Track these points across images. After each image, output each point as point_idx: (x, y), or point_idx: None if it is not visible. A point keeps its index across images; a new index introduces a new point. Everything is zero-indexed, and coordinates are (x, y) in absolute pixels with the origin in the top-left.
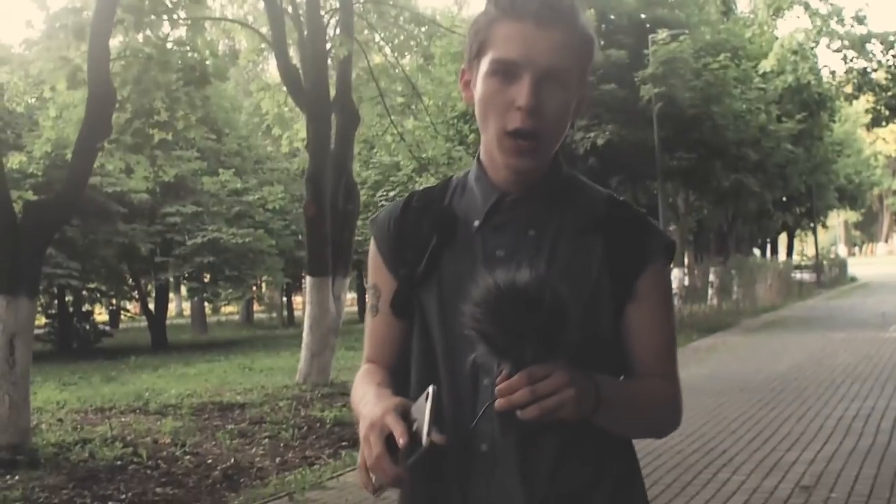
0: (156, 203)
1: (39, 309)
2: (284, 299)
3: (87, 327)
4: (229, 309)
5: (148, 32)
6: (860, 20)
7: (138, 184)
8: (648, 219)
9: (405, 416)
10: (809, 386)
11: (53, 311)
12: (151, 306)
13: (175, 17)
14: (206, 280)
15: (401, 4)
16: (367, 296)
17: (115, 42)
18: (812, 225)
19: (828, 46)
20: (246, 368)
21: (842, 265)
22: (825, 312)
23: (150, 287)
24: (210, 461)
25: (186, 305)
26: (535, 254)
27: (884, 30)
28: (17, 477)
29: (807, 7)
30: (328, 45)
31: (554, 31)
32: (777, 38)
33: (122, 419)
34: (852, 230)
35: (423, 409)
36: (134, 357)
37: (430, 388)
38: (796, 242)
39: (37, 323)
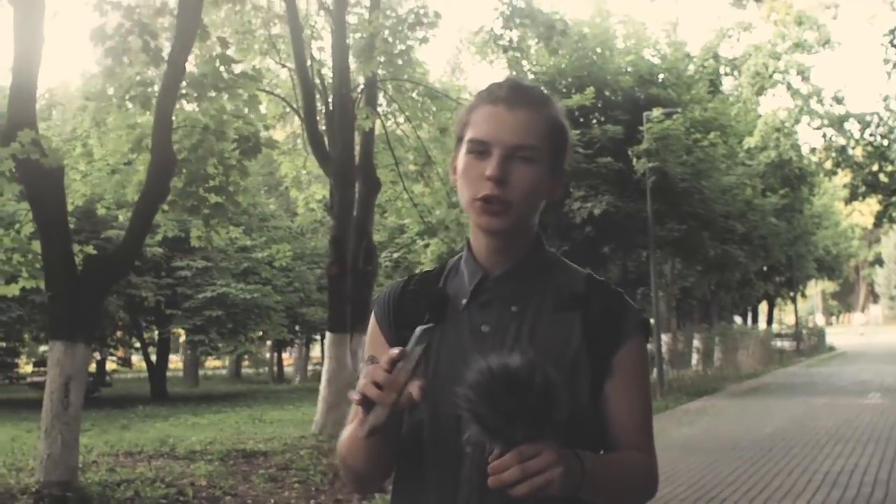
0: (163, 257)
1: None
2: (275, 355)
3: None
4: (214, 363)
5: (207, 104)
6: (839, 100)
7: (194, 242)
8: (625, 297)
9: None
10: (796, 445)
11: None
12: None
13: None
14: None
15: (415, 79)
16: (362, 367)
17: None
18: (791, 294)
19: (808, 124)
20: (256, 420)
21: (820, 334)
22: (806, 379)
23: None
24: (250, 501)
25: (172, 357)
26: (517, 329)
27: (860, 110)
28: None
29: (789, 87)
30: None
31: (522, 113)
32: (759, 115)
33: (154, 463)
34: (829, 300)
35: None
36: (141, 406)
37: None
38: (775, 311)
39: (33, 370)
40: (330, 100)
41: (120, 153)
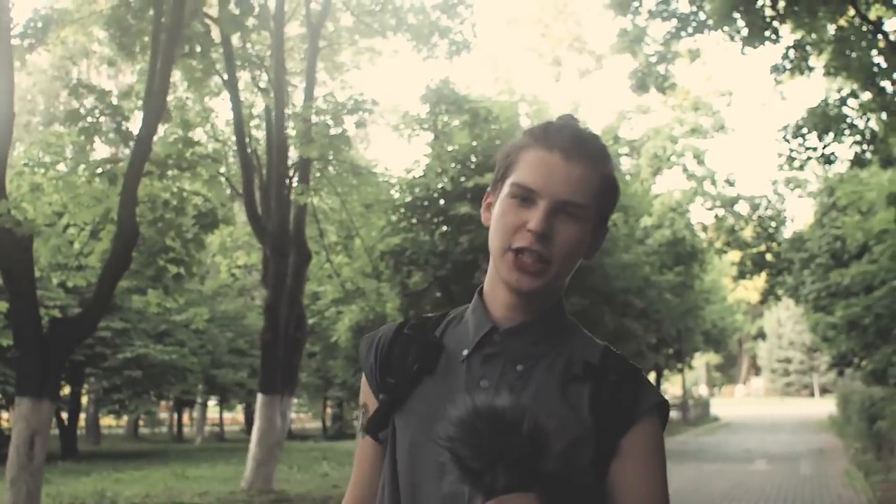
0: None
1: None
2: (174, 415)
3: None
4: (109, 422)
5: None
6: (731, 183)
7: (152, 309)
8: (642, 374)
9: None
10: None
11: None
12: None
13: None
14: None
15: (340, 159)
16: (359, 415)
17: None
18: (679, 365)
19: (702, 204)
20: (178, 476)
21: (705, 405)
22: (695, 447)
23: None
24: None
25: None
26: (520, 389)
27: (751, 192)
28: None
29: (685, 169)
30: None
31: (578, 167)
32: (656, 195)
33: None
34: (713, 371)
35: None
36: (59, 462)
37: None
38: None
39: None
40: (264, 174)
41: (44, 215)
